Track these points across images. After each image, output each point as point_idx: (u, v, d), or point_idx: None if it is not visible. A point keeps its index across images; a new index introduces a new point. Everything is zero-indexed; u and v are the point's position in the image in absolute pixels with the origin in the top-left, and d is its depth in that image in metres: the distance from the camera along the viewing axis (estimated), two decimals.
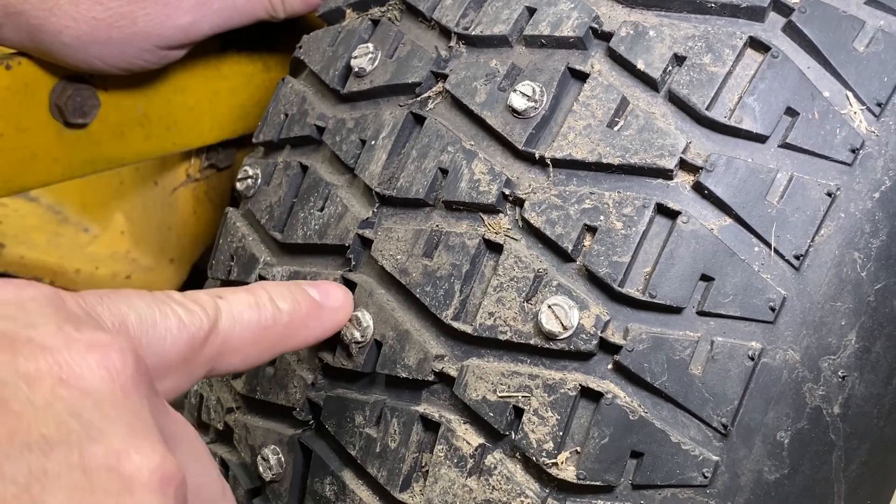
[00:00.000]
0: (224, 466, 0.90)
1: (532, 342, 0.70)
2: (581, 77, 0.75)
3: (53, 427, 0.43)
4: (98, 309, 0.51)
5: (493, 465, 0.71)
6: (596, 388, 0.69)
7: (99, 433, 0.43)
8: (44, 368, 0.44)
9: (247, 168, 0.94)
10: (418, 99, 0.81)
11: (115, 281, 1.30)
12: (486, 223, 0.74)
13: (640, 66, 0.73)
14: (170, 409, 0.52)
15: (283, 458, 0.83)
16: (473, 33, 0.80)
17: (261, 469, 0.84)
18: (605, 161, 0.71)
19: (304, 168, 0.88)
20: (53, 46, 0.95)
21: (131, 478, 0.43)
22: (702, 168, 0.69)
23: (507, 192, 0.74)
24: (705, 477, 0.68)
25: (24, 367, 0.43)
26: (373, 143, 0.82)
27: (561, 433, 0.69)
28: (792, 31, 0.72)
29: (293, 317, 0.62)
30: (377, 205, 0.81)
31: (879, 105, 0.72)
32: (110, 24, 0.94)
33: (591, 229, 0.71)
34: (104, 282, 1.30)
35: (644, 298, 0.69)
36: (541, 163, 0.73)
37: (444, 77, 0.80)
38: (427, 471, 0.74)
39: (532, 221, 0.72)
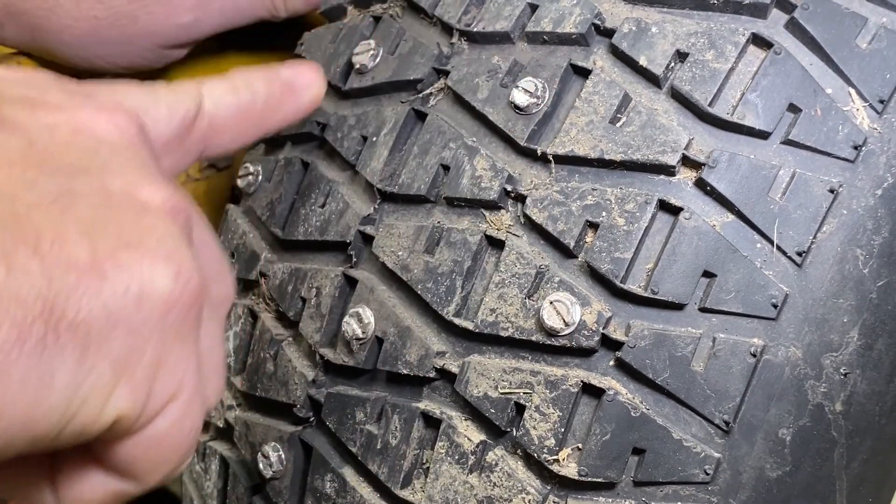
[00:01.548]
0: (224, 463, 0.90)
1: (534, 339, 0.70)
2: (583, 73, 0.75)
3: (77, 158, 0.48)
4: (96, 92, 0.55)
5: (494, 462, 0.71)
6: (598, 385, 0.69)
7: (117, 167, 0.49)
8: (62, 120, 0.50)
9: (248, 165, 0.94)
10: (420, 95, 0.81)
11: None
12: (487, 219, 0.74)
13: (643, 62, 0.73)
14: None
15: (283, 455, 0.83)
16: (475, 30, 0.80)
17: (261, 466, 0.84)
18: (607, 157, 0.71)
19: (306, 165, 0.88)
20: (55, 45, 0.95)
21: (147, 202, 0.49)
22: (704, 164, 0.69)
23: (508, 188, 0.74)
24: (707, 474, 0.68)
25: (45, 118, 0.49)
26: (374, 139, 0.82)
27: (562, 430, 0.69)
28: (794, 27, 0.72)
29: (269, 97, 0.67)
30: (378, 201, 0.81)
31: (882, 102, 0.72)
32: (112, 23, 0.94)
33: (594, 225, 0.70)
34: None
35: (646, 295, 0.69)
36: (543, 159, 0.73)
37: (446, 73, 0.80)
38: (428, 467, 0.74)
39: (534, 218, 0.72)
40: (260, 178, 0.93)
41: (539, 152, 0.73)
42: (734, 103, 0.71)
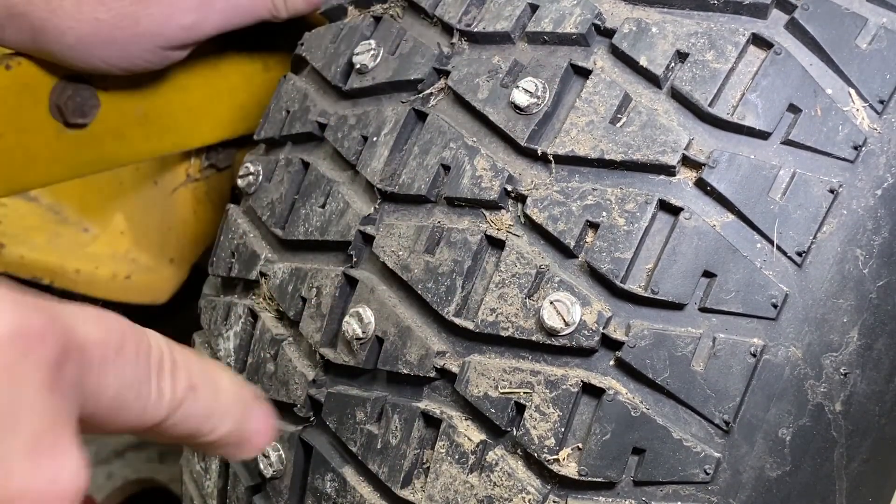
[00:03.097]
0: (224, 463, 0.90)
1: (534, 338, 0.70)
2: (584, 73, 0.75)
3: None
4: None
5: (494, 462, 0.71)
6: (598, 385, 0.69)
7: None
8: None
9: (248, 165, 0.94)
10: (420, 95, 0.82)
11: (115, 281, 1.30)
12: (488, 219, 0.74)
13: (643, 62, 0.73)
14: None
15: (283, 455, 0.83)
16: (476, 30, 0.80)
17: (261, 466, 0.84)
18: (607, 157, 0.71)
19: (306, 165, 0.88)
20: (56, 47, 0.95)
21: None
22: (704, 164, 0.69)
23: (509, 188, 0.74)
24: (707, 474, 0.68)
25: None
26: (375, 139, 0.82)
27: (563, 429, 0.69)
28: (795, 28, 0.72)
29: (220, 438, 0.58)
30: (379, 201, 0.81)
31: (882, 102, 0.72)
32: (113, 24, 0.94)
33: (594, 225, 0.71)
34: (104, 282, 1.30)
35: (646, 295, 0.69)
36: (543, 159, 0.74)
37: (447, 73, 0.80)
38: (428, 467, 0.74)
39: (534, 218, 0.72)
40: (260, 178, 0.93)
41: (539, 152, 0.73)
42: (734, 103, 0.71)
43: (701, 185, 0.70)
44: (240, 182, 0.95)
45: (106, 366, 0.48)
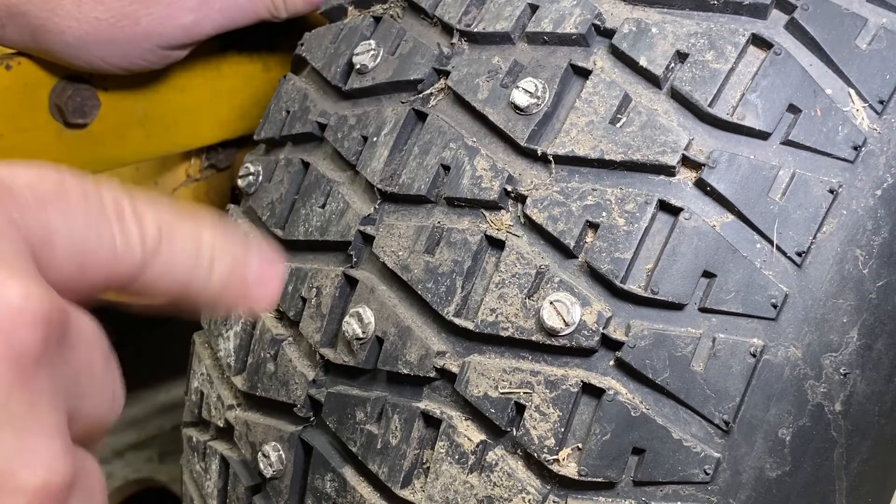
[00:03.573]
0: (224, 463, 0.90)
1: (534, 338, 0.70)
2: (583, 74, 0.75)
3: None
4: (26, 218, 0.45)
5: (494, 462, 0.71)
6: (598, 385, 0.69)
7: None
8: None
9: (248, 165, 0.94)
10: (420, 96, 0.82)
11: None
12: (488, 219, 0.74)
13: (643, 62, 0.73)
14: None
15: (283, 455, 0.83)
16: (476, 30, 0.80)
17: (261, 466, 0.84)
18: (607, 157, 0.71)
19: (306, 165, 0.88)
20: (56, 46, 0.95)
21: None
22: (704, 165, 0.69)
23: (509, 188, 0.74)
24: (707, 474, 0.68)
25: None
26: (375, 139, 0.82)
27: (562, 429, 0.69)
28: (794, 28, 0.73)
29: (218, 288, 0.54)
30: (379, 201, 0.81)
31: (882, 102, 0.72)
32: (113, 24, 0.94)
33: (594, 226, 0.71)
34: None
35: (646, 295, 0.69)
36: (543, 159, 0.74)
37: (447, 74, 0.80)
38: (428, 467, 0.74)
39: (534, 218, 0.72)
40: (260, 178, 0.93)
41: (539, 152, 0.73)
42: (734, 104, 0.71)
43: (701, 185, 0.70)
44: (240, 182, 0.95)
45: (45, 205, 0.44)
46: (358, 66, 0.86)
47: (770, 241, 0.69)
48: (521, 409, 0.71)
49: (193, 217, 0.53)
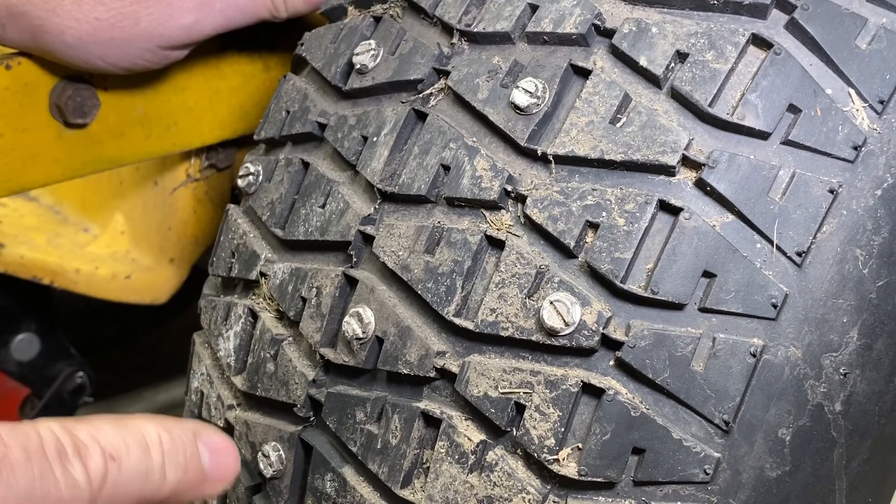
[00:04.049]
0: None
1: (534, 338, 0.70)
2: (583, 74, 0.75)
3: None
4: None
5: (494, 462, 0.71)
6: (598, 385, 0.69)
7: None
8: None
9: (248, 165, 0.94)
10: (420, 95, 0.82)
11: (115, 281, 1.30)
12: (488, 219, 0.74)
13: (643, 62, 0.73)
14: None
15: (283, 455, 0.83)
16: (476, 30, 0.80)
17: (261, 466, 0.84)
18: (607, 157, 0.71)
19: (306, 165, 0.88)
20: (56, 47, 0.95)
21: None
22: (704, 165, 0.69)
23: (509, 188, 0.74)
24: (707, 474, 0.68)
25: None
26: (374, 139, 0.82)
27: (562, 429, 0.69)
28: (794, 28, 0.72)
29: (175, 488, 0.57)
30: (379, 201, 0.81)
31: (882, 102, 0.72)
32: (113, 24, 0.94)
33: (594, 226, 0.71)
34: (104, 281, 1.30)
35: (646, 295, 0.69)
36: (543, 159, 0.74)
37: (447, 74, 0.81)
38: (428, 467, 0.74)
39: (534, 218, 0.72)
40: (260, 178, 0.93)
41: (539, 152, 0.73)
42: (734, 104, 0.71)
43: (701, 185, 0.70)
44: (240, 182, 0.95)
45: None
46: (358, 66, 0.86)
47: (770, 241, 0.69)
48: (521, 408, 0.71)
49: (137, 424, 0.55)
